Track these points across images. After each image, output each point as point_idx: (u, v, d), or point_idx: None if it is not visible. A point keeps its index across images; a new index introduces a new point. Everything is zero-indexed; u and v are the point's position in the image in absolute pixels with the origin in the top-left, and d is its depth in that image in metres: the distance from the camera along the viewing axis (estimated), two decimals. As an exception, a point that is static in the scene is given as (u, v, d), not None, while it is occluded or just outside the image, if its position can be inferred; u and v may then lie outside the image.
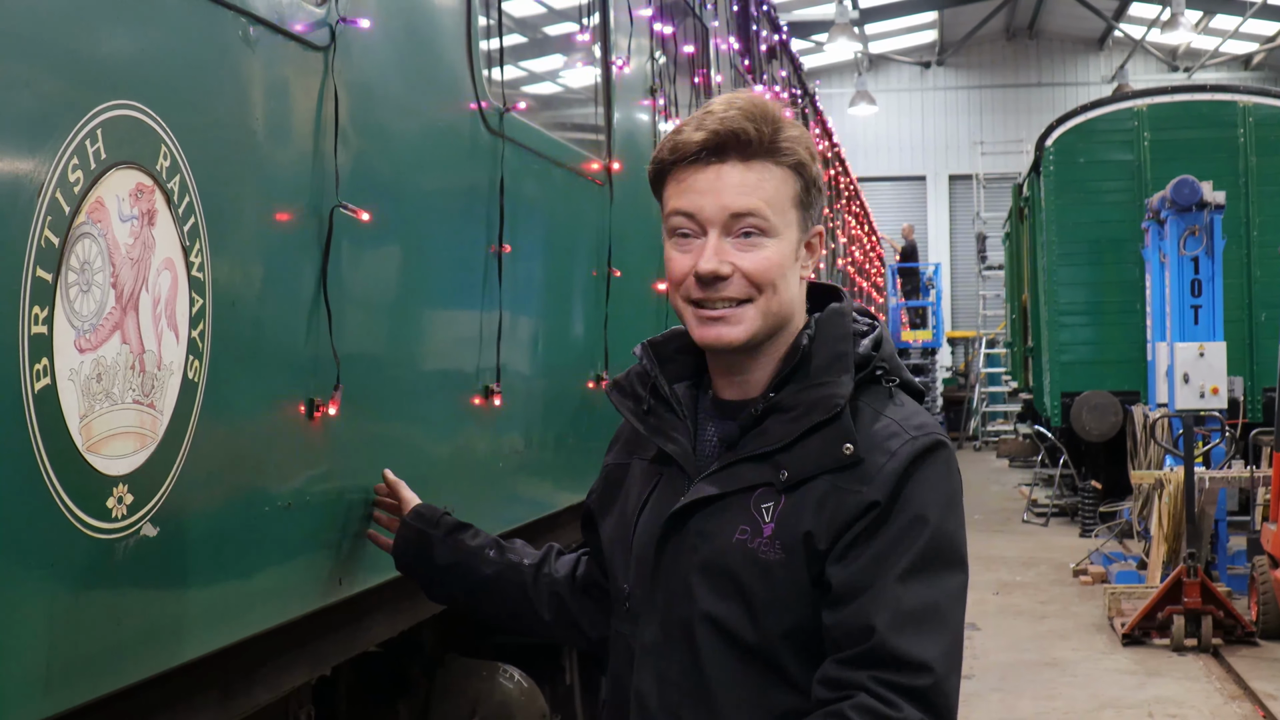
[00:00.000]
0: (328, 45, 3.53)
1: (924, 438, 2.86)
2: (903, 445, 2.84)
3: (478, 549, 3.59)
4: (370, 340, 3.86)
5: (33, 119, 2.45)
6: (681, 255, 2.95)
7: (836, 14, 31.91)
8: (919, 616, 2.75)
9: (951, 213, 43.10)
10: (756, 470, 2.89)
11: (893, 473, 2.80)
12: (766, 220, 2.88)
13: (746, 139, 2.88)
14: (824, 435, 2.85)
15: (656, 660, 2.97)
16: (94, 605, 2.63)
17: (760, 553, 2.84)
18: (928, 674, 2.72)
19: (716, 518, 2.90)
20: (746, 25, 11.81)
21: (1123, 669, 11.99)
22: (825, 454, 2.84)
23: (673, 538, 2.96)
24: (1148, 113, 19.96)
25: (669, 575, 2.96)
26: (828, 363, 2.92)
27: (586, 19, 6.59)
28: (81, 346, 2.55)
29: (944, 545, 2.82)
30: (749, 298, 2.90)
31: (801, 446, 2.86)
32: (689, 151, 2.91)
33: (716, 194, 2.89)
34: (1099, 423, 18.92)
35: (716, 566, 2.89)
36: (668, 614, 2.96)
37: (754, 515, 2.86)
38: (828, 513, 2.81)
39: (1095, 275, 19.96)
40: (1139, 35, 39.71)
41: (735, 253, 2.89)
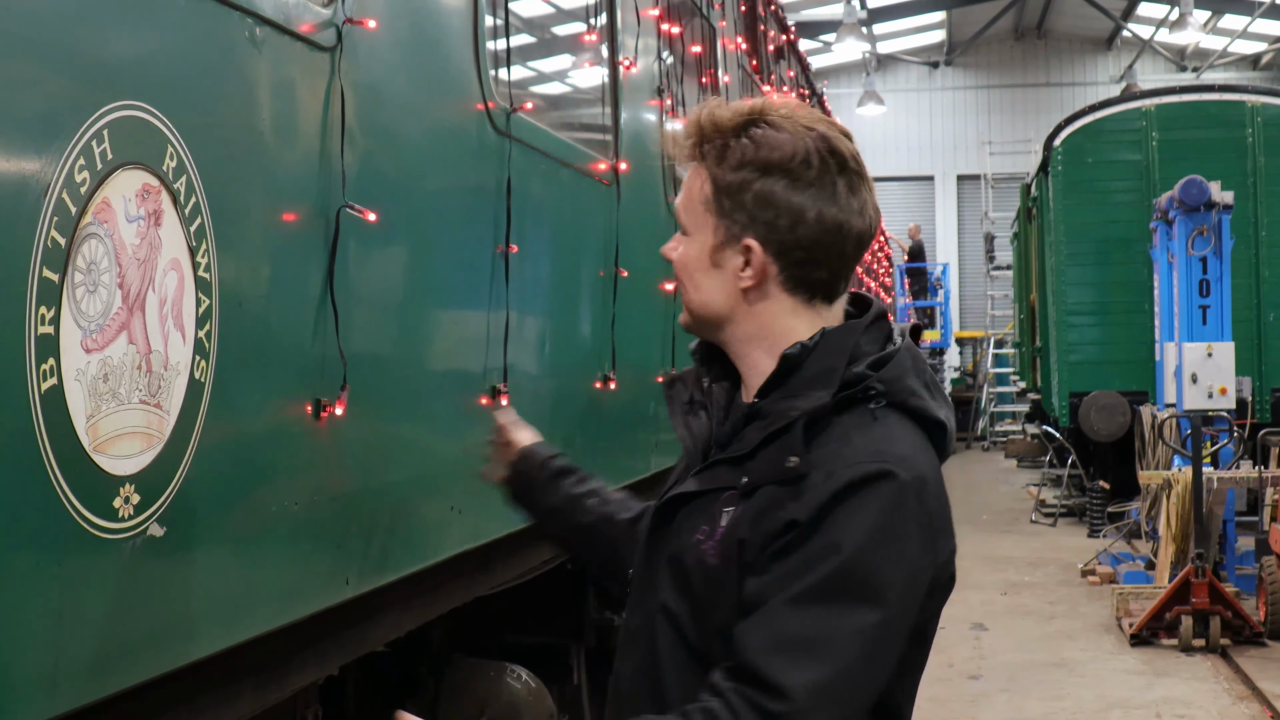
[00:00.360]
0: (334, 46, 3.54)
1: (872, 465, 2.72)
2: (847, 468, 2.72)
3: (578, 497, 3.63)
4: (377, 340, 3.86)
5: (40, 119, 2.46)
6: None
7: (844, 14, 31.90)
8: (796, 644, 2.64)
9: (959, 213, 43.09)
10: (730, 474, 2.87)
11: (823, 494, 2.70)
12: (685, 217, 2.99)
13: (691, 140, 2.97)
14: (776, 446, 2.80)
15: (632, 648, 2.98)
16: (101, 605, 2.64)
17: (706, 554, 2.82)
18: (785, 701, 2.60)
19: (692, 514, 2.91)
20: (754, 25, 11.82)
21: (1131, 669, 11.98)
22: (773, 464, 2.79)
23: (659, 529, 3.00)
24: (1156, 113, 19.95)
25: (652, 565, 2.98)
26: (814, 376, 2.86)
27: (594, 19, 6.59)
28: (88, 347, 2.56)
29: (856, 578, 2.68)
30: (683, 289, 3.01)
31: (761, 455, 2.82)
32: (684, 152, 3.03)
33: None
34: (1107, 423, 18.91)
35: (677, 561, 2.89)
36: (646, 602, 2.97)
37: (715, 517, 2.84)
38: (762, 524, 2.75)
39: (1103, 275, 19.94)
40: (1147, 35, 39.68)
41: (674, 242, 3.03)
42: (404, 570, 4.01)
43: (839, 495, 2.68)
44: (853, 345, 2.90)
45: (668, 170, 7.42)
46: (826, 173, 2.91)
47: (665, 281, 7.15)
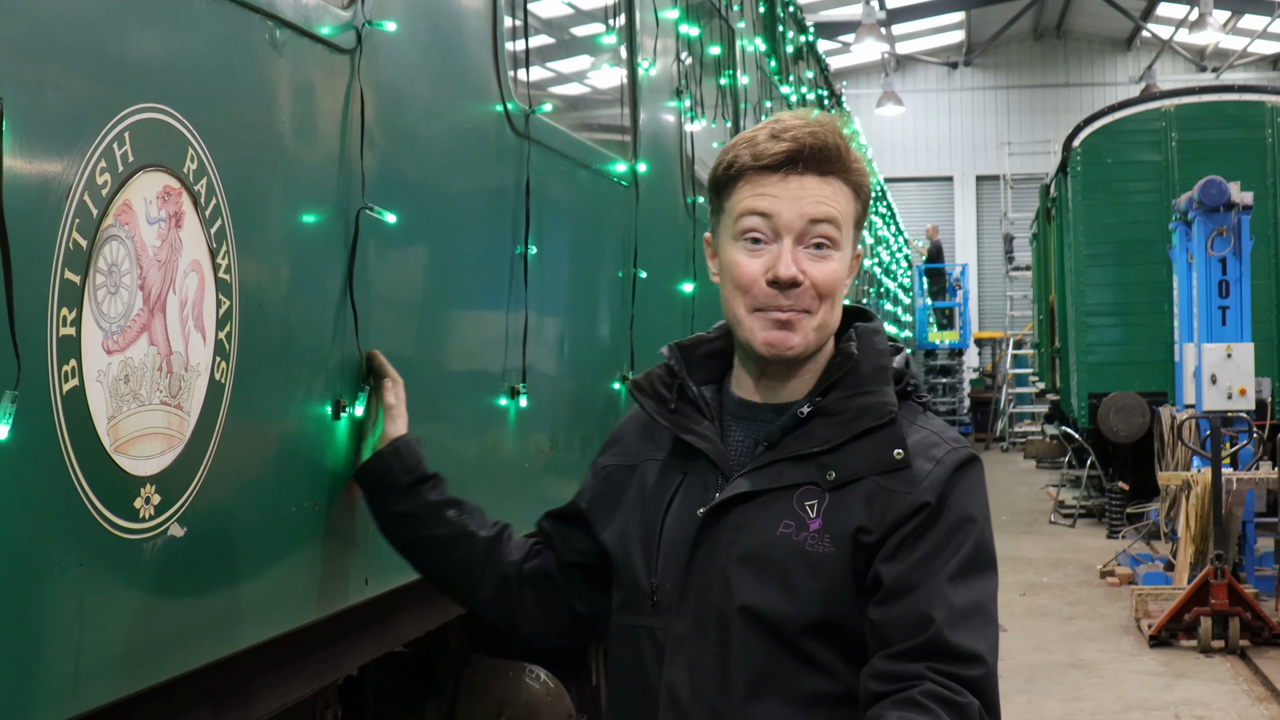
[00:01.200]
0: (354, 48, 3.55)
1: (963, 449, 3.00)
2: (946, 454, 2.97)
3: (437, 505, 3.48)
4: (397, 341, 3.86)
5: (61, 122, 2.47)
6: (751, 260, 3.00)
7: (863, 15, 31.89)
8: (969, 613, 2.86)
9: (979, 213, 43.07)
10: (800, 469, 2.97)
11: (940, 477, 2.93)
12: (839, 231, 2.98)
13: (827, 155, 2.96)
14: (875, 439, 2.97)
15: (691, 652, 3.00)
16: (122, 605, 2.65)
17: (808, 546, 2.91)
18: (980, 665, 2.83)
19: (756, 513, 2.97)
20: (773, 26, 11.81)
21: (1149, 670, 11.97)
22: (875, 457, 2.95)
23: (709, 532, 3.01)
24: (1175, 113, 19.93)
25: (703, 569, 3.00)
26: (872, 373, 3.05)
27: (612, 20, 6.60)
28: (109, 348, 2.57)
29: (985, 549, 2.95)
30: (810, 309, 2.99)
31: (850, 449, 2.96)
32: (774, 160, 2.97)
33: (797, 201, 2.96)
34: (1126, 424, 18.89)
35: (758, 559, 2.94)
36: (701, 606, 3.00)
37: (798, 511, 2.94)
38: (878, 509, 2.91)
39: (1123, 276, 19.93)
40: (1167, 35, 39.63)
41: (807, 262, 2.96)
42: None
43: (953, 478, 2.94)
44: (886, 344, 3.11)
45: (686, 171, 7.42)
46: None
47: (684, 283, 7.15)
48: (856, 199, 3.03)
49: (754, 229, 2.98)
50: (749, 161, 2.99)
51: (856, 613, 2.91)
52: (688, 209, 7.39)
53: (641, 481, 3.23)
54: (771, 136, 2.98)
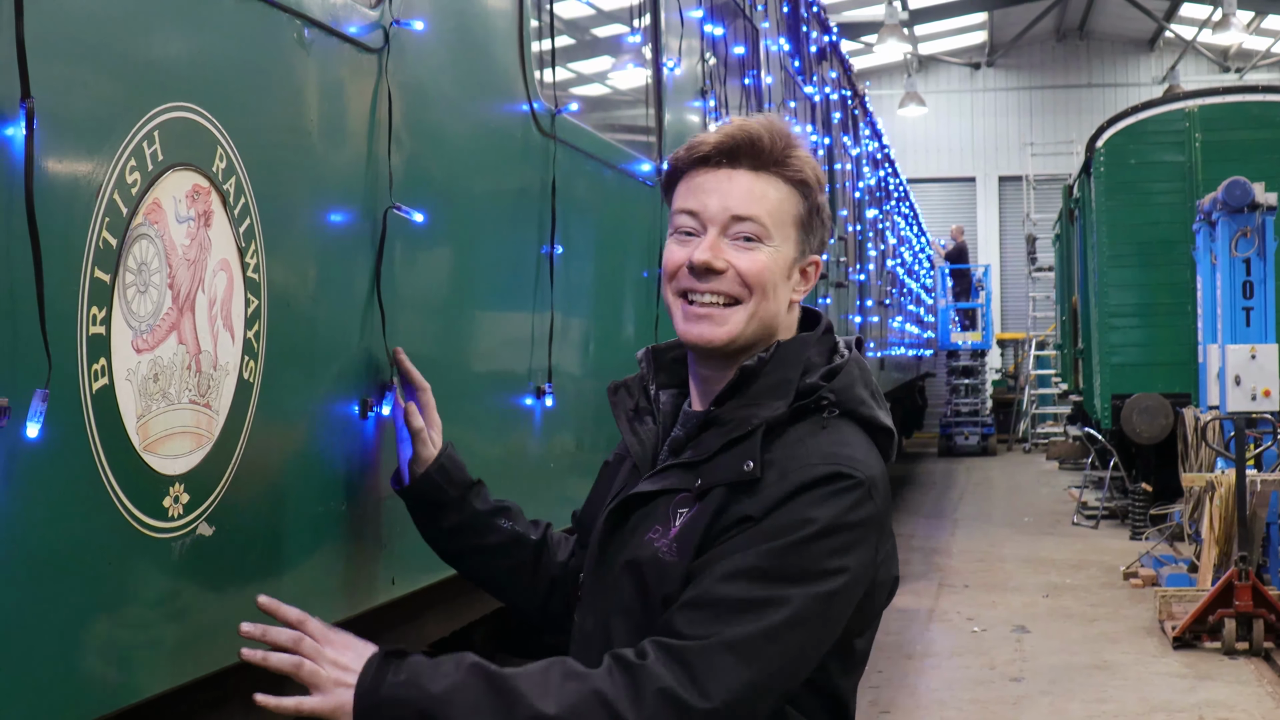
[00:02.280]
0: (381, 47, 3.55)
1: (824, 467, 2.86)
2: (797, 470, 2.86)
3: (486, 514, 3.51)
4: (423, 341, 3.87)
5: (91, 121, 2.47)
6: (679, 248, 3.05)
7: (886, 15, 31.87)
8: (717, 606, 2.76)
9: (1001, 214, 42.97)
10: (683, 477, 2.99)
11: (777, 493, 2.84)
12: (764, 228, 2.99)
13: (760, 148, 2.99)
14: (734, 452, 2.93)
15: (585, 650, 3.01)
16: (150, 604, 2.65)
17: (661, 553, 2.93)
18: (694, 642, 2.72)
19: (643, 518, 3.01)
20: (796, 26, 11.81)
21: (1173, 672, 11.94)
22: (731, 468, 2.91)
23: (615, 532, 3.07)
24: (1199, 114, 19.87)
25: (606, 568, 3.07)
26: (770, 385, 3.00)
27: (637, 20, 6.60)
28: (139, 347, 2.57)
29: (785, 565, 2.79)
30: (738, 299, 2.99)
31: (717, 460, 2.94)
32: (703, 152, 3.03)
33: (722, 195, 2.99)
34: (1149, 425, 18.84)
35: (634, 564, 2.98)
36: (598, 606, 3.07)
37: (669, 517, 2.96)
38: (716, 524, 2.87)
39: (1146, 277, 19.87)
40: (1190, 36, 39.53)
41: (731, 251, 2.98)
42: (448, 571, 4.01)
43: (793, 494, 2.82)
44: (806, 358, 3.03)
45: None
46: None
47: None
48: (799, 196, 3.03)
49: (683, 226, 3.04)
50: (684, 156, 3.07)
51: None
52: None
53: (616, 478, 3.29)
54: (710, 133, 3.05)
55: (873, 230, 20.27)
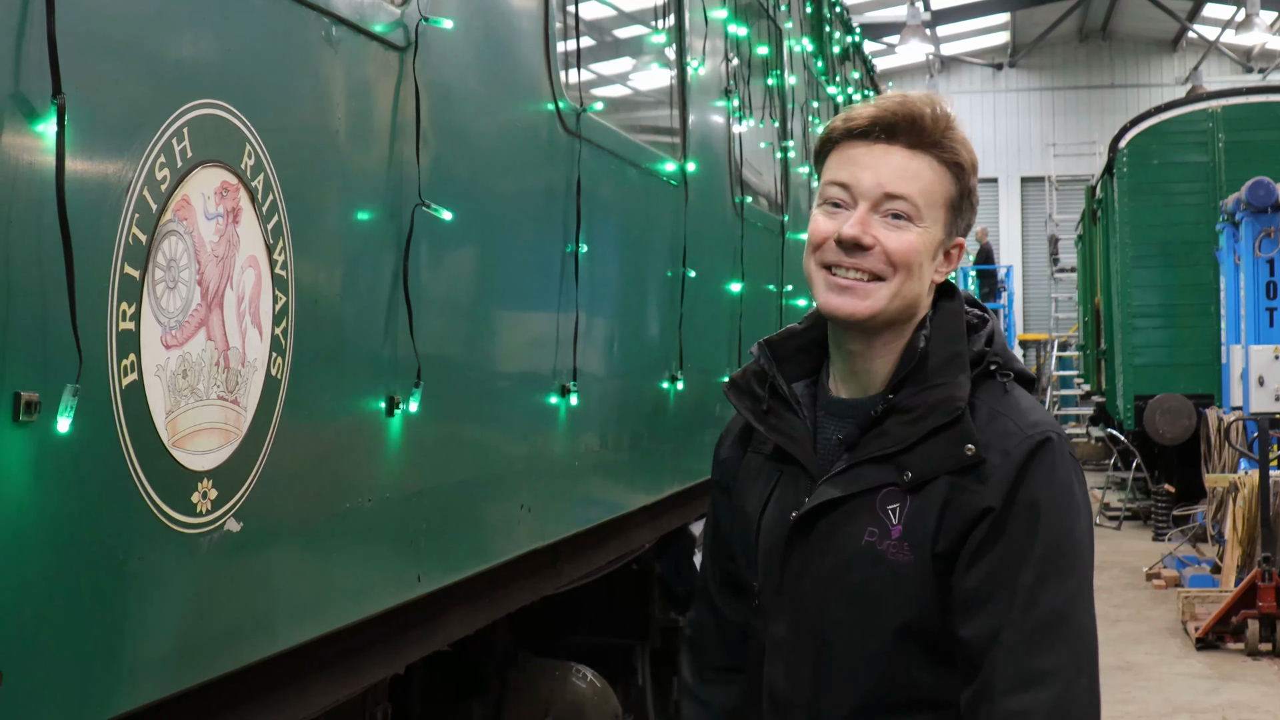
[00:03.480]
0: (408, 45, 3.55)
1: (1036, 434, 2.89)
2: (1016, 445, 2.87)
3: None
4: (449, 339, 3.87)
5: (121, 118, 2.49)
6: (827, 220, 2.96)
7: (908, 16, 31.82)
8: (1042, 628, 2.81)
9: (1024, 215, 42.90)
10: (880, 471, 2.93)
11: (1006, 475, 2.85)
12: (916, 208, 2.92)
13: (920, 125, 2.94)
14: (945, 437, 2.90)
15: (787, 655, 3.02)
16: (178, 599, 2.66)
17: (889, 555, 2.90)
18: (1050, 684, 2.78)
19: (844, 520, 2.95)
20: (820, 27, 11.80)
21: (1196, 673, 11.92)
22: (947, 456, 2.89)
23: (799, 540, 3.01)
24: (1222, 114, 19.83)
25: (797, 576, 3.01)
26: (944, 362, 2.97)
27: (662, 21, 6.60)
28: (168, 343, 2.58)
29: (1060, 547, 2.85)
30: (883, 275, 2.92)
31: (923, 448, 2.91)
32: (860, 125, 2.96)
33: (875, 170, 2.93)
34: (1172, 426, 18.80)
35: (845, 570, 2.94)
36: (797, 613, 3.01)
37: (880, 517, 2.91)
38: (951, 514, 2.87)
39: (1169, 278, 19.83)
40: (1213, 36, 39.41)
41: (880, 229, 2.91)
42: (473, 568, 4.02)
43: (1020, 474, 2.84)
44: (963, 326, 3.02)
45: (734, 171, 7.42)
46: None
47: (733, 283, 7.15)
48: (951, 178, 2.97)
49: (834, 197, 2.96)
50: (840, 126, 2.99)
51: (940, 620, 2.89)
52: (736, 209, 7.38)
53: (745, 477, 3.23)
54: (868, 106, 2.99)
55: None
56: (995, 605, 2.82)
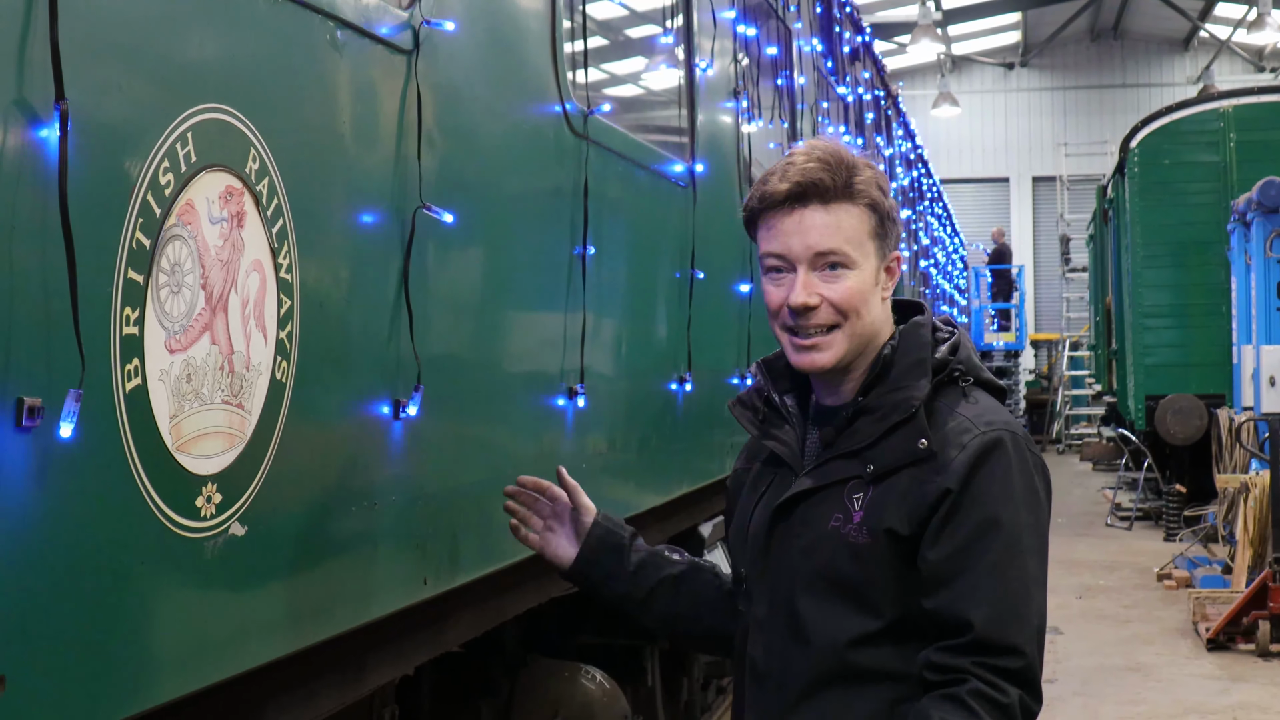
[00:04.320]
0: (412, 48, 3.55)
1: (992, 432, 3.18)
2: (973, 439, 3.16)
3: (659, 550, 3.79)
4: (455, 341, 3.87)
5: (125, 122, 2.49)
6: (776, 289, 3.28)
7: (919, 15, 31.80)
8: (1008, 606, 3.09)
9: (1035, 215, 42.90)
10: (848, 465, 3.24)
11: (963, 463, 3.13)
12: (847, 255, 3.22)
13: (824, 187, 3.21)
14: (903, 433, 3.20)
15: (766, 632, 3.33)
16: (183, 603, 2.66)
17: (850, 537, 3.19)
18: (1019, 656, 3.07)
19: (815, 508, 3.26)
20: (829, 27, 11.79)
21: (1207, 674, 11.90)
22: (904, 449, 3.19)
23: (779, 526, 3.32)
24: (1233, 114, 19.79)
25: (777, 558, 3.32)
26: (907, 369, 3.28)
27: (670, 21, 6.60)
28: (172, 347, 2.58)
29: (1021, 534, 3.14)
30: (835, 323, 3.24)
31: (885, 443, 3.21)
32: (775, 200, 3.24)
33: (802, 235, 3.22)
34: (1184, 426, 18.78)
35: (814, 549, 3.24)
36: (773, 593, 3.32)
37: (846, 505, 3.22)
38: (910, 502, 3.15)
39: (1180, 278, 19.80)
40: (1225, 35, 39.38)
41: (822, 285, 3.23)
42: (481, 571, 4.02)
43: (976, 462, 3.13)
44: (927, 337, 3.33)
45: (743, 172, 7.41)
46: None
47: (741, 283, 7.14)
48: (870, 213, 3.25)
49: (773, 266, 3.29)
50: (757, 205, 3.29)
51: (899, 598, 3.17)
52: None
53: (750, 481, 3.53)
54: (780, 178, 3.24)
55: (905, 231, 20.24)
56: (963, 582, 3.09)
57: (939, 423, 3.21)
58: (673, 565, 3.73)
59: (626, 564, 3.70)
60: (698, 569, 3.75)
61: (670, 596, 3.70)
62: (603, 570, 3.71)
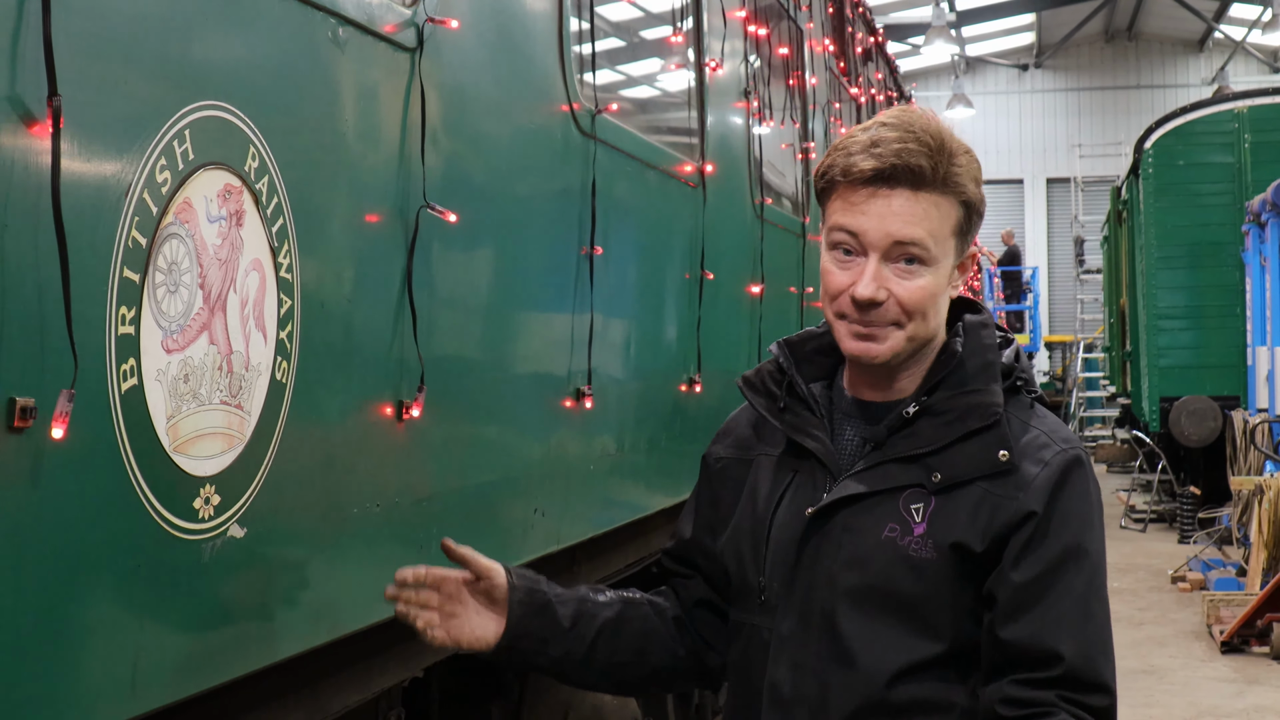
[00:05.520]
0: (416, 47, 3.53)
1: (1073, 450, 2.94)
2: (1054, 455, 2.91)
3: (586, 595, 3.28)
4: (461, 342, 3.86)
5: (121, 119, 2.46)
6: (840, 271, 2.94)
7: (933, 16, 31.79)
8: (1096, 639, 2.88)
9: (1049, 216, 42.86)
10: (906, 471, 2.94)
11: (1046, 482, 2.88)
12: (928, 250, 2.89)
13: (921, 174, 2.88)
14: (980, 441, 2.92)
15: (794, 649, 2.98)
16: (181, 606, 2.64)
17: (911, 550, 2.89)
18: (1107, 695, 2.86)
19: (863, 515, 2.94)
20: (842, 27, 11.77)
21: (1221, 677, 11.87)
22: (981, 459, 2.90)
23: (814, 535, 2.98)
24: (1248, 114, 19.75)
25: (810, 569, 2.98)
26: (977, 370, 2.99)
27: (680, 22, 6.57)
28: (169, 347, 2.56)
29: (1101, 563, 2.92)
30: (897, 323, 2.91)
31: (956, 450, 2.92)
32: (861, 177, 2.89)
33: (882, 219, 2.88)
34: (1198, 428, 18.74)
35: (862, 562, 2.92)
36: (806, 606, 2.97)
37: (903, 514, 2.91)
38: (983, 519, 2.88)
39: (1194, 279, 19.76)
40: (1239, 36, 39.32)
41: (893, 279, 2.89)
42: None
43: (1060, 483, 2.88)
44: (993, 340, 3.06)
45: (754, 173, 7.39)
46: None
47: (751, 285, 7.12)
48: (959, 207, 2.93)
49: (842, 243, 2.93)
50: (839, 176, 2.93)
51: (958, 621, 2.90)
52: (756, 210, 7.35)
53: (755, 476, 3.18)
54: (864, 150, 2.90)
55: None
56: (1050, 613, 2.84)
57: (1013, 434, 2.93)
58: (606, 607, 3.24)
59: (559, 620, 3.16)
60: (631, 604, 3.30)
61: (612, 643, 3.23)
62: (536, 637, 3.15)
